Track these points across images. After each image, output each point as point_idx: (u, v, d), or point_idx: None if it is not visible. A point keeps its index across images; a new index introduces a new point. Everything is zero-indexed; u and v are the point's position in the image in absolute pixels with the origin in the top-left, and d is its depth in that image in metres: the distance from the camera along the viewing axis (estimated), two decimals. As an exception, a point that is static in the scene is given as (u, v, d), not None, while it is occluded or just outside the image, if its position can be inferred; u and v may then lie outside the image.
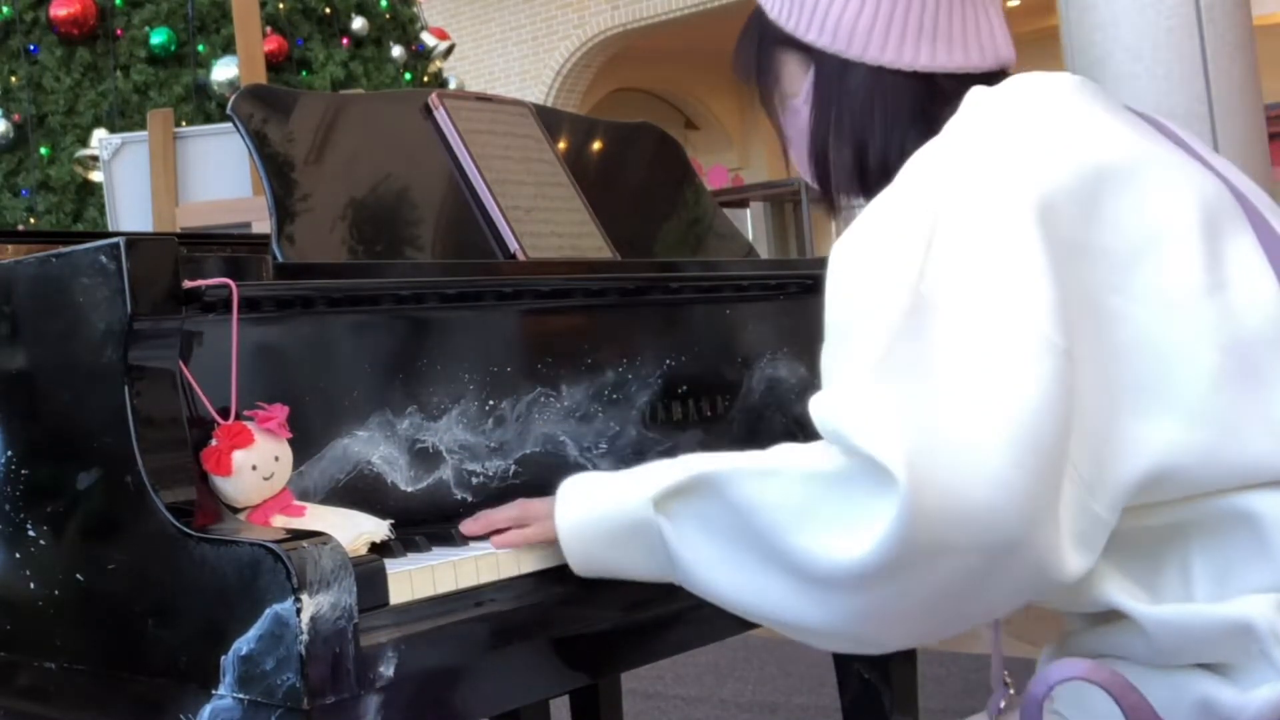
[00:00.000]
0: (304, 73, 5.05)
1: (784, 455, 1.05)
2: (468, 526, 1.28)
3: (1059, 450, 0.96)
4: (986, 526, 0.94)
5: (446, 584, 1.16)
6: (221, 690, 1.04)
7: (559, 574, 1.24)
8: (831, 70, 1.19)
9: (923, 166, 1.08)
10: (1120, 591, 1.05)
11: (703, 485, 1.08)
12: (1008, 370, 0.96)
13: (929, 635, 1.07)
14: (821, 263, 1.90)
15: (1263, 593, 1.00)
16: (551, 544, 1.21)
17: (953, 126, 1.09)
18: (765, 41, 1.25)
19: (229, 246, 1.92)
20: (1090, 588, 1.05)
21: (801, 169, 1.28)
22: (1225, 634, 1.00)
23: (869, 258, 1.04)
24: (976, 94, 1.11)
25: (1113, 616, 1.07)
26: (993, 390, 0.96)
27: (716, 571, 1.08)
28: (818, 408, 1.00)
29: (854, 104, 1.19)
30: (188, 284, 1.15)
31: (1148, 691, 1.02)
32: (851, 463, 0.98)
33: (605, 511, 1.17)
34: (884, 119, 1.17)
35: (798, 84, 1.23)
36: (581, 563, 1.19)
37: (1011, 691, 1.21)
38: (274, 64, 4.76)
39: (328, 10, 5.15)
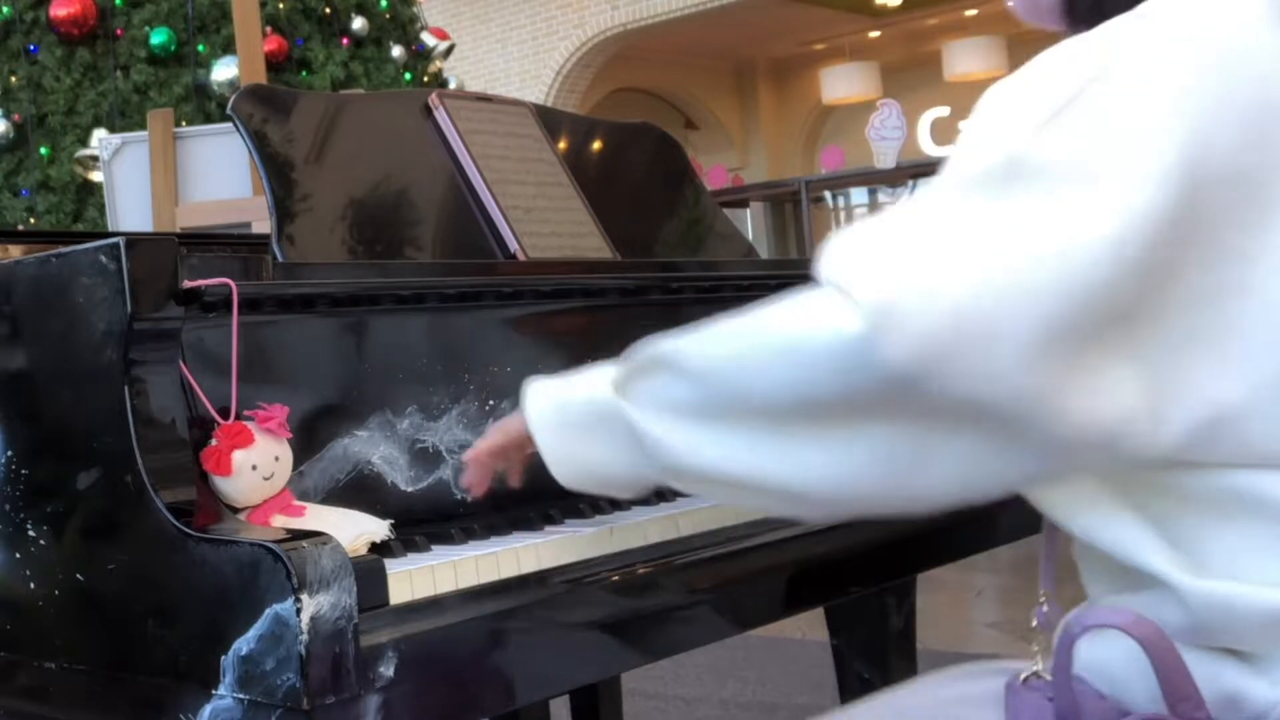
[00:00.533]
0: (304, 73, 5.04)
1: (722, 321, 1.04)
2: (470, 482, 1.30)
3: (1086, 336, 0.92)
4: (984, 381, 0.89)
5: (446, 584, 1.16)
6: (221, 690, 1.04)
7: (558, 574, 1.24)
8: None
9: (1103, 38, 1.01)
10: (1161, 557, 1.01)
11: (657, 361, 1.09)
12: (1074, 232, 0.91)
13: (919, 488, 1.00)
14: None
15: None
16: (518, 440, 1.24)
17: (1150, 7, 1.02)
18: None
19: (229, 246, 1.92)
20: (1130, 550, 1.01)
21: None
22: (1267, 621, 0.97)
23: (998, 111, 0.99)
24: None
25: (1144, 584, 1.02)
26: (1046, 244, 0.90)
27: (686, 442, 1.06)
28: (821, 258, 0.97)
29: None
30: (188, 284, 1.15)
31: (1125, 678, 1.00)
32: (815, 292, 0.95)
33: (575, 407, 1.19)
34: None
35: None
36: (561, 463, 1.20)
37: (1046, 609, 1.15)
38: (274, 64, 4.76)
39: (328, 10, 5.15)
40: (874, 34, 12.87)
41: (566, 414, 1.19)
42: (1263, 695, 0.97)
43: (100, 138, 3.95)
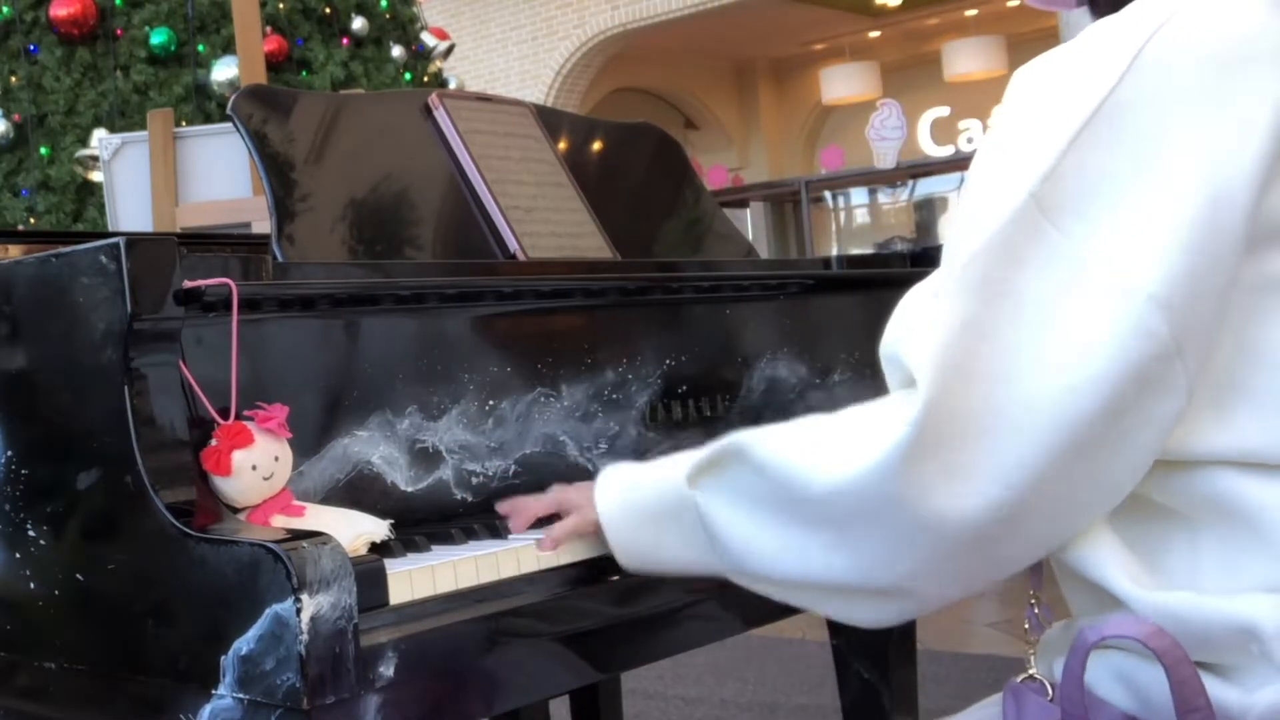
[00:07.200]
0: (304, 73, 5.04)
1: (809, 417, 1.06)
2: (512, 523, 1.30)
3: (1097, 431, 0.94)
4: (982, 500, 0.94)
5: (446, 584, 1.16)
6: (221, 690, 1.04)
7: (559, 574, 1.24)
8: None
9: (1101, 46, 0.99)
10: (1120, 571, 1.02)
11: (730, 455, 1.09)
12: (1089, 336, 0.93)
13: (968, 580, 1.04)
14: (821, 262, 1.91)
15: (1267, 590, 0.98)
16: (593, 533, 1.24)
17: (1147, 8, 1.00)
18: None
19: (229, 246, 1.92)
20: (1093, 565, 1.03)
21: None
22: (1227, 632, 0.97)
23: (1012, 137, 0.99)
24: None
25: (1116, 604, 1.03)
26: (1060, 354, 0.93)
27: (753, 542, 1.08)
28: (888, 331, 1.02)
29: None
30: (188, 284, 1.15)
31: (1147, 686, 1.00)
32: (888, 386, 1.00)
33: (644, 494, 1.19)
34: None
35: None
36: (626, 551, 1.21)
37: (1037, 611, 1.16)
38: (274, 64, 4.76)
39: (328, 10, 5.15)
40: (874, 34, 12.87)
41: (638, 506, 1.20)
42: (1236, 701, 0.98)
43: (100, 138, 3.95)
